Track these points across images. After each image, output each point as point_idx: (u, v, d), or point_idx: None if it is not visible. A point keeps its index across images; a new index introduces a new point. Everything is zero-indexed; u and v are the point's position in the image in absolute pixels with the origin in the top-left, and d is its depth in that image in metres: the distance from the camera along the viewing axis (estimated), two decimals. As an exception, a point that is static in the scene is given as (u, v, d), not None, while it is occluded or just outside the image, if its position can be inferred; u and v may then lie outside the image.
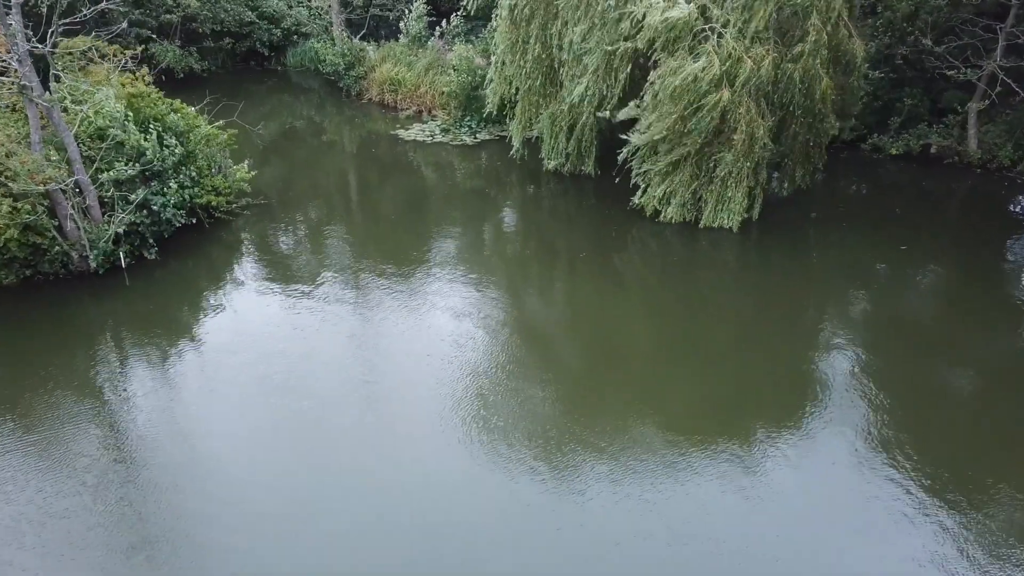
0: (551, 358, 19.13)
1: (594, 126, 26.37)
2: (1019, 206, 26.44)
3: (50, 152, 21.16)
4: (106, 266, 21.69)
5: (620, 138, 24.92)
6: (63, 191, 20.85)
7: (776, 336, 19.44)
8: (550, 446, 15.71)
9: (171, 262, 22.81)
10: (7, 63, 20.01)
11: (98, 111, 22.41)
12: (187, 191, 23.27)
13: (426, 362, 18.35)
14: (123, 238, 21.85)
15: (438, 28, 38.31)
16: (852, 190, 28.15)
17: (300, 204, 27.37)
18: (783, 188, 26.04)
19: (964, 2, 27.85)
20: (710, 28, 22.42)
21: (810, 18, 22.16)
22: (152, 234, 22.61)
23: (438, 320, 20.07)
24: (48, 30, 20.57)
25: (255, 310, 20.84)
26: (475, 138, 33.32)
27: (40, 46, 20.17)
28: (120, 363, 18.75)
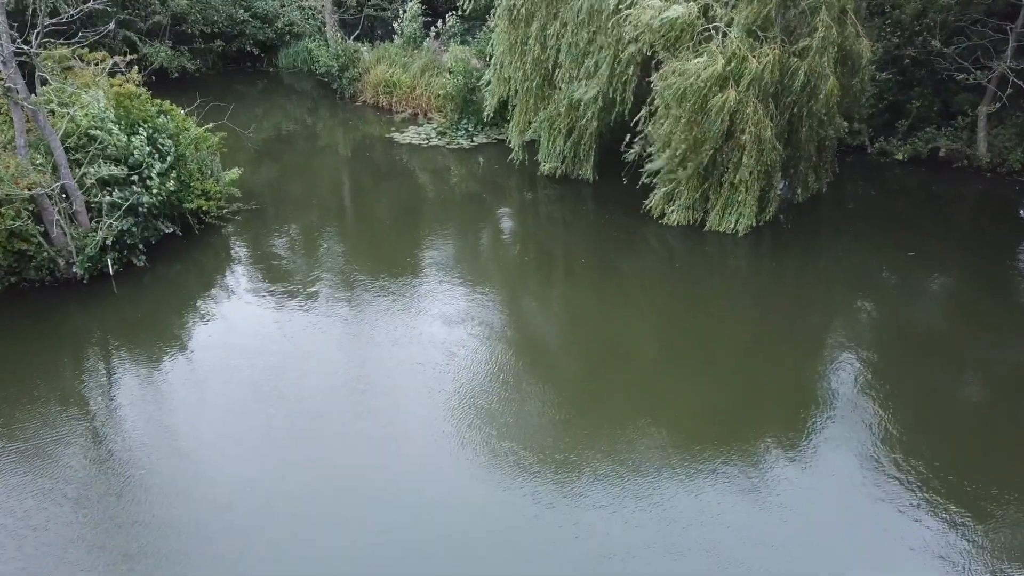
0: (552, 365, 18.67)
1: (595, 130, 25.72)
2: (1029, 211, 25.92)
3: (35, 156, 20.60)
4: (93, 273, 21.12)
5: (621, 139, 24.36)
6: (49, 196, 20.33)
7: (781, 343, 19.00)
8: (545, 455, 15.29)
9: (160, 268, 22.29)
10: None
11: (86, 114, 21.80)
12: (170, 183, 22.46)
13: (418, 370, 17.93)
14: (111, 244, 21.24)
15: (433, 28, 37.49)
16: (859, 195, 27.57)
17: (292, 209, 26.81)
18: (797, 195, 25.06)
19: (974, 1, 27.27)
20: (714, 27, 21.91)
21: (819, 14, 21.60)
22: (140, 239, 22.04)
23: (431, 327, 19.58)
24: (34, 32, 19.97)
25: (245, 317, 20.35)
26: (472, 141, 32.64)
27: (26, 47, 19.62)
28: (107, 372, 18.30)
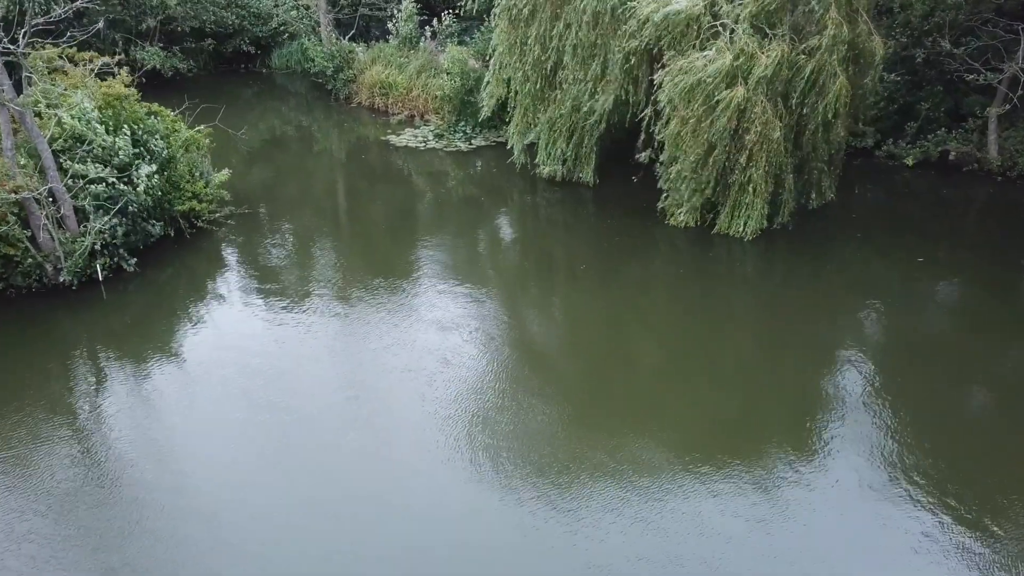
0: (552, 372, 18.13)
1: (602, 132, 25.06)
2: (1041, 215, 25.25)
3: (20, 159, 20.00)
4: (82, 278, 20.49)
5: (620, 140, 23.78)
6: (36, 200, 19.74)
7: (787, 350, 18.56)
8: (542, 464, 14.87)
9: (150, 273, 21.69)
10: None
11: (72, 115, 21.13)
12: (155, 179, 21.78)
13: (411, 377, 17.45)
14: (100, 249, 20.63)
15: (429, 28, 36.73)
16: (867, 198, 26.97)
17: (285, 213, 26.18)
18: (811, 200, 24.24)
19: (984, 0, 26.67)
20: (721, 24, 21.33)
21: (829, 11, 20.99)
22: (129, 243, 21.43)
23: (425, 334, 19.07)
24: (21, 31, 19.25)
25: (236, 323, 19.82)
26: (470, 144, 31.96)
27: (12, 47, 18.91)
28: (95, 379, 17.80)
